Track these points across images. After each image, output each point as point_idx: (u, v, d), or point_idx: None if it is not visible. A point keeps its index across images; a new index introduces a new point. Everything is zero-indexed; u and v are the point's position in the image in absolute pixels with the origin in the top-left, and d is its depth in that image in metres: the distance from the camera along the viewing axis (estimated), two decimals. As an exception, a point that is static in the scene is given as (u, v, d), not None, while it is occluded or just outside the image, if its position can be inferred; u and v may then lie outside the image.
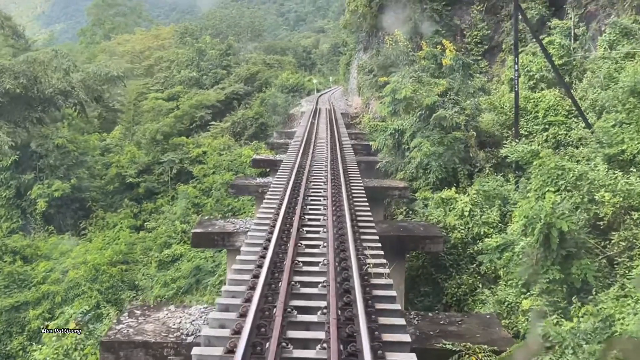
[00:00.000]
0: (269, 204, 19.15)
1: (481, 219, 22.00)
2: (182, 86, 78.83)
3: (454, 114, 26.21)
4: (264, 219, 17.06)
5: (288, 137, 47.15)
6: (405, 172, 29.97)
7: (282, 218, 15.81)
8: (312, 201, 19.11)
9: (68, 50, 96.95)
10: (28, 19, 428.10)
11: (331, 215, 16.28)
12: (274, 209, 17.61)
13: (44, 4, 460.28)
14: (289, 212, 16.88)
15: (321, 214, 17.18)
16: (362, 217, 17.51)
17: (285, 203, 17.54)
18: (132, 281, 39.03)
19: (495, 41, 44.93)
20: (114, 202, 53.32)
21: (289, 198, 18.35)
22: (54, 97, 29.98)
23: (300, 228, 15.54)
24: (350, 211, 17.14)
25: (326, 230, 15.20)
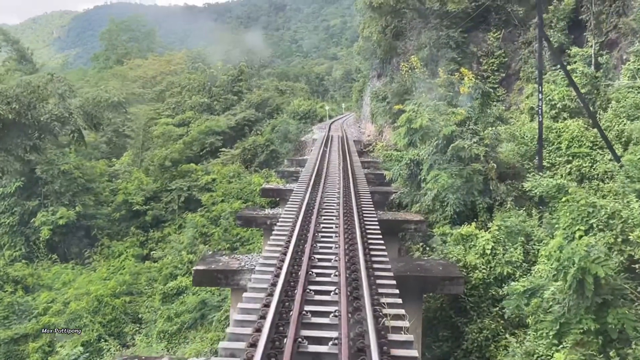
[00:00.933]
0: (277, 240, 17.87)
1: (504, 258, 20.53)
2: (193, 112, 77.96)
3: (473, 144, 24.83)
4: (270, 257, 15.74)
5: (299, 164, 46.03)
6: (421, 205, 28.58)
7: (290, 258, 14.51)
8: (323, 238, 17.80)
9: (81, 75, 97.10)
10: (44, 44, 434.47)
11: (343, 255, 14.93)
12: (282, 247, 16.34)
13: (60, 30, 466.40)
14: (297, 251, 15.57)
15: (332, 253, 15.85)
16: (376, 256, 16.18)
17: (293, 240, 16.25)
18: (135, 313, 37.63)
19: (513, 69, 43.99)
20: (120, 230, 52.09)
21: (298, 234, 17.07)
22: (50, 124, 28.71)
23: (310, 271, 14.17)
24: (364, 250, 15.79)
25: (338, 273, 13.82)
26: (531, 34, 41.22)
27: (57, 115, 28.45)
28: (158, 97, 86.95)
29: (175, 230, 49.52)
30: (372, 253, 16.46)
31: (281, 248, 16.25)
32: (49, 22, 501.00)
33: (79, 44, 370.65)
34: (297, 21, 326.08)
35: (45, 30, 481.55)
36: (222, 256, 20.34)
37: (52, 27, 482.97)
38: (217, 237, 42.76)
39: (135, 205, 51.89)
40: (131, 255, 46.48)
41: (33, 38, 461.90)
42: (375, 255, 16.29)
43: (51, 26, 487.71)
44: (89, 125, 32.74)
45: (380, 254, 16.53)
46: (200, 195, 51.74)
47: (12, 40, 67.96)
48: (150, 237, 50.41)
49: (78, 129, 30.66)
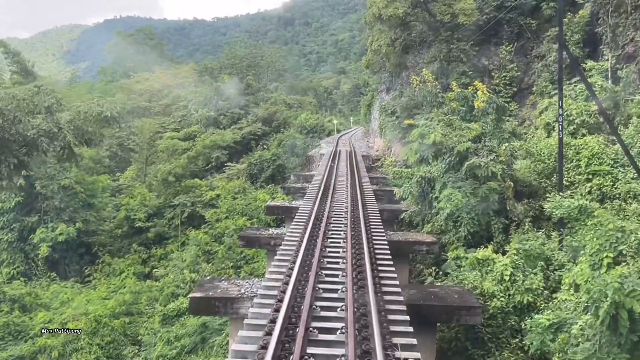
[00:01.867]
0: (279, 265, 16.64)
1: (524, 285, 19.05)
2: (199, 125, 76.88)
3: (489, 162, 23.42)
4: (271, 287, 14.46)
5: (306, 180, 44.86)
6: (433, 225, 27.17)
7: (292, 289, 13.24)
8: (329, 263, 16.58)
9: (88, 89, 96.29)
10: (54, 58, 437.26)
11: (351, 286, 13.58)
12: (284, 274, 15.12)
13: (70, 43, 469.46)
14: (300, 280, 14.34)
15: (339, 282, 14.52)
16: (387, 284, 14.96)
17: (296, 268, 14.99)
18: (135, 335, 36.27)
19: (525, 83, 42.89)
20: (122, 246, 50.76)
21: (301, 260, 15.80)
22: (37, 139, 27.35)
23: (313, 304, 12.80)
24: (374, 279, 14.54)
25: (345, 307, 12.46)
26: (544, 47, 40.22)
27: (45, 131, 27.02)
28: (164, 111, 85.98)
29: (178, 248, 48.14)
30: (383, 282, 15.23)
31: (283, 276, 15.03)
32: (59, 36, 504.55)
33: (89, 58, 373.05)
34: (306, 35, 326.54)
35: (55, 44, 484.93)
36: (221, 281, 19.00)
37: (62, 41, 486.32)
38: (221, 255, 41.37)
39: (138, 222, 50.57)
40: (132, 273, 45.15)
41: (43, 51, 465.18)
42: (385, 284, 15.06)
43: (61, 40, 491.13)
44: (80, 141, 31.34)
45: (391, 282, 15.22)
46: (204, 211, 50.40)
47: (13, 52, 66.96)
48: (152, 254, 49.06)
49: (68, 144, 29.23)
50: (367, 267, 15.06)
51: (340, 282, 14.56)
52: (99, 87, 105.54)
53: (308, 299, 12.75)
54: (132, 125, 74.89)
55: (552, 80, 39.29)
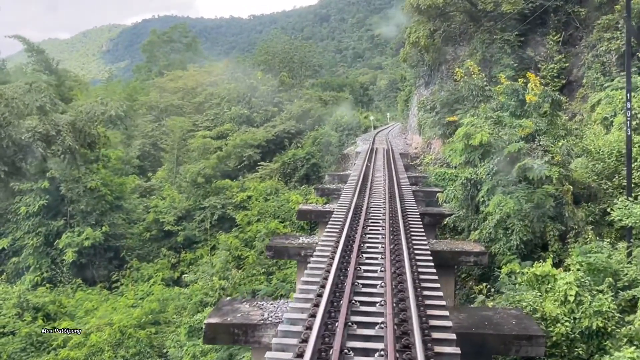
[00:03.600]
0: (308, 285, 14.43)
1: (592, 307, 16.37)
2: (232, 124, 74.90)
3: (544, 164, 20.73)
4: (297, 310, 12.69)
5: (341, 180, 42.66)
6: (481, 232, 24.58)
7: (321, 320, 11.04)
8: (366, 277, 14.61)
9: (124, 87, 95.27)
10: (94, 57, 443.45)
11: (391, 320, 11.18)
12: (315, 294, 13.11)
13: (109, 43, 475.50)
14: (331, 311, 12.03)
15: (377, 313, 12.27)
16: (432, 306, 12.82)
17: (329, 287, 12.86)
18: (162, 346, 34.35)
19: (574, 75, 40.43)
20: (151, 250, 49.02)
21: (333, 281, 13.51)
22: (32, 143, 25.29)
23: (345, 346, 10.47)
24: (418, 307, 12.12)
25: (385, 346, 10.16)
26: (594, 36, 37.74)
27: (41, 133, 24.93)
28: (197, 109, 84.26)
29: (207, 252, 46.22)
30: (427, 302, 12.99)
31: (314, 294, 13.08)
32: (99, 36, 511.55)
33: (127, 57, 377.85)
34: (342, 31, 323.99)
35: (95, 43, 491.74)
36: (242, 303, 16.71)
37: (101, 41, 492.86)
38: (252, 260, 39.30)
39: (167, 225, 48.74)
40: (160, 279, 43.27)
41: (83, 51, 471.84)
42: (430, 305, 12.83)
43: (100, 40, 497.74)
44: (81, 144, 29.32)
45: (438, 305, 12.81)
46: (234, 213, 48.36)
47: (37, 50, 65.68)
48: (182, 258, 47.22)
49: (69, 148, 27.19)
50: (409, 292, 12.72)
51: (378, 313, 12.21)
52: (134, 86, 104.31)
53: (339, 335, 10.51)
54: (164, 124, 73.40)
55: (604, 72, 36.76)
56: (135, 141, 74.00)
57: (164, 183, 58.73)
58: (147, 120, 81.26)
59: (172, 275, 45.07)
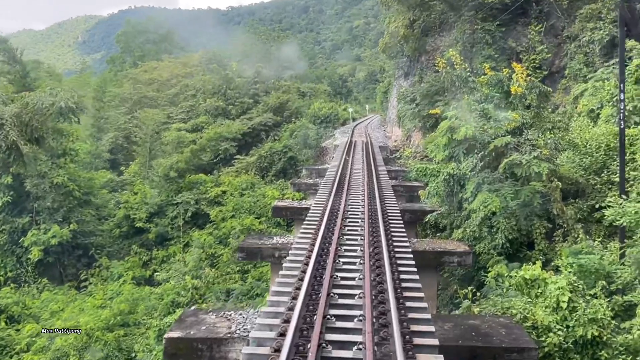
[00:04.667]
0: (280, 294, 13.12)
1: (586, 314, 15.14)
2: (207, 116, 73.13)
3: (532, 160, 19.45)
4: (265, 330, 11.24)
5: (319, 174, 41.35)
6: (465, 230, 23.35)
7: (293, 336, 9.91)
8: (343, 286, 13.35)
9: (96, 79, 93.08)
10: (70, 48, 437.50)
11: (370, 328, 10.22)
12: (286, 307, 11.89)
13: (85, 34, 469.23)
14: (306, 317, 11.07)
15: (354, 315, 11.38)
16: (415, 321, 11.51)
17: (301, 299, 11.54)
18: (131, 349, 32.71)
19: (557, 66, 39.84)
20: (121, 248, 47.19)
21: (308, 286, 12.41)
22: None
23: (322, 344, 9.89)
24: (400, 316, 11.12)
25: (362, 355, 9.59)
26: (577, 26, 37.16)
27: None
28: (171, 101, 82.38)
29: (180, 250, 44.55)
30: (411, 315, 11.71)
31: (282, 314, 11.55)
32: (75, 27, 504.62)
33: (103, 48, 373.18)
34: (320, 23, 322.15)
35: (71, 34, 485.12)
36: (208, 314, 15.21)
37: (77, 32, 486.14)
38: (226, 259, 37.78)
39: (138, 222, 46.92)
40: (131, 277, 41.54)
41: (59, 43, 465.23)
42: (414, 319, 11.54)
43: (76, 31, 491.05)
44: (28, 138, 27.33)
45: (424, 326, 11.47)
46: (208, 209, 46.75)
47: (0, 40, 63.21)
48: (154, 256, 45.46)
49: (13, 143, 25.15)
50: (391, 305, 11.47)
51: (356, 330, 10.90)
52: (104, 77, 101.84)
53: (316, 337, 9.86)
54: (137, 117, 71.42)
55: (587, 62, 36.01)
56: (106, 134, 71.95)
57: (136, 178, 56.84)
58: (120, 112, 79.24)
59: (144, 274, 43.38)
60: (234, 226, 41.18)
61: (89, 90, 79.25)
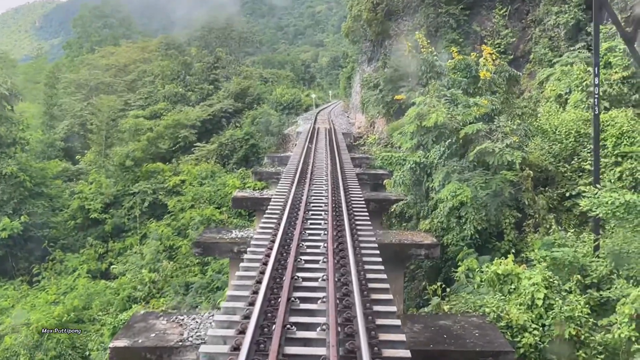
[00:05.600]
0: (236, 298, 11.80)
1: (562, 312, 14.27)
2: (166, 102, 71.12)
3: (505, 148, 18.53)
4: (217, 343, 10.04)
5: (281, 162, 40.18)
6: (432, 221, 22.42)
7: (248, 351, 8.71)
8: (305, 288, 12.14)
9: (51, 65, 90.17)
10: (27, 34, 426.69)
11: (334, 325, 9.30)
12: (241, 314, 10.71)
13: (43, 19, 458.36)
14: (263, 327, 9.94)
15: (317, 323, 10.21)
16: (383, 328, 10.43)
17: (258, 307, 10.28)
18: (85, 347, 31.27)
19: (522, 50, 39.16)
20: (76, 240, 45.35)
21: (267, 285, 11.35)
22: None
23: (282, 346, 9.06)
24: (366, 316, 10.13)
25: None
26: (541, 10, 36.66)
27: None
28: (129, 87, 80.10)
29: (137, 241, 42.97)
30: (379, 321, 10.56)
31: (238, 324, 10.25)
32: (32, 12, 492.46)
33: (62, 33, 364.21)
34: (282, 8, 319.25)
35: (28, 20, 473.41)
36: (159, 319, 13.98)
37: (34, 17, 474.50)
38: (185, 251, 36.43)
39: (93, 213, 45.11)
40: (86, 271, 39.91)
41: (15, 28, 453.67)
42: (383, 327, 10.43)
43: (34, 16, 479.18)
44: None
45: (394, 335, 10.40)
46: (166, 199, 45.21)
47: None
48: (110, 248, 43.79)
49: None
50: (355, 298, 10.59)
51: (319, 341, 9.82)
52: (61, 63, 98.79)
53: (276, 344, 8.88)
54: (94, 103, 69.11)
55: (552, 47, 35.34)
56: (61, 122, 69.49)
57: (92, 167, 54.82)
58: (76, 99, 76.69)
59: (100, 267, 41.81)
60: (193, 217, 39.83)
61: (42, 77, 76.74)
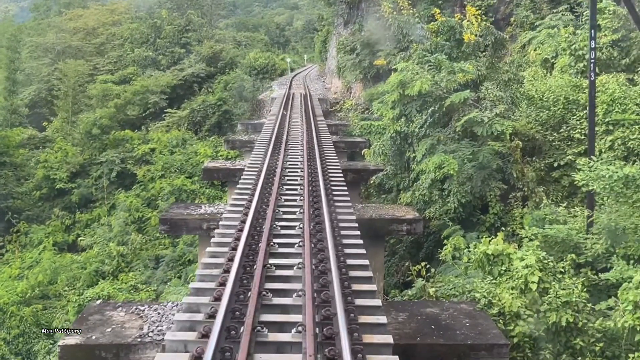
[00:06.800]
0: (203, 284, 10.68)
1: (559, 297, 13.13)
2: (136, 67, 68.79)
3: (495, 117, 17.26)
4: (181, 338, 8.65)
5: (255, 130, 38.83)
6: (414, 194, 21.23)
7: (218, 338, 7.73)
8: (280, 272, 11.07)
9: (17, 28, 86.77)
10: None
11: (311, 313, 8.21)
12: (209, 301, 9.67)
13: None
14: (234, 315, 8.88)
15: (292, 322, 8.94)
16: (366, 310, 9.55)
17: (228, 292, 9.21)
18: (50, 324, 29.90)
19: (502, 13, 38.11)
20: (42, 211, 43.52)
21: (236, 275, 10.00)
22: None
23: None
24: (345, 301, 8.98)
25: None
26: None
27: None
28: (98, 51, 77.37)
29: (106, 213, 41.32)
30: (359, 302, 9.67)
31: (204, 316, 9.22)
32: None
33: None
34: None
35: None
36: (117, 309, 12.56)
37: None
38: (154, 223, 34.97)
39: (59, 183, 43.24)
40: (52, 244, 38.32)
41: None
42: (367, 325, 9.13)
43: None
44: None
45: (378, 336, 9.17)
46: (135, 169, 43.50)
47: None
48: (77, 220, 42.08)
49: None
50: (333, 273, 9.87)
51: (295, 345, 8.59)
52: (31, 26, 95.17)
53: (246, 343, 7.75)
54: (61, 68, 66.52)
55: (534, 9, 34.20)
56: (26, 88, 66.83)
57: (58, 135, 52.69)
58: (43, 63, 73.92)
59: (67, 239, 40.18)
60: (164, 187, 38.35)
61: (3, 40, 73.74)
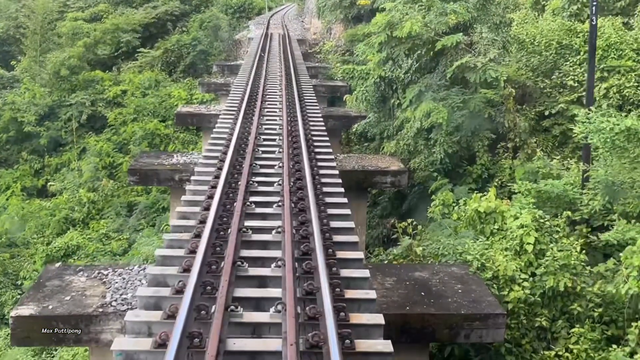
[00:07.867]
0: (171, 251, 9.78)
1: (556, 259, 12.25)
2: (107, 4, 65.96)
3: (488, 63, 16.09)
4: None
5: (231, 71, 37.59)
6: (398, 143, 20.20)
7: (187, 317, 6.80)
8: (256, 236, 10.13)
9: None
10: None
11: (291, 275, 7.56)
12: (178, 272, 8.76)
13: None
14: (205, 289, 7.93)
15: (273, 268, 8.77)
16: (350, 270, 8.97)
17: (199, 262, 8.15)
18: (18, 273, 28.83)
19: None
20: (10, 155, 41.80)
21: (208, 242, 8.97)
22: None
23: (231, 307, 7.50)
24: (327, 260, 8.42)
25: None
26: None
27: None
28: (68, -13, 74.15)
29: (75, 157, 39.76)
30: (345, 273, 8.88)
31: (172, 291, 8.25)
32: None
33: None
34: None
35: None
36: (77, 274, 11.46)
37: None
38: (126, 168, 33.68)
39: (27, 126, 41.43)
40: (20, 189, 36.90)
41: None
42: (349, 281, 8.74)
43: None
44: None
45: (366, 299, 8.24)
46: (107, 111, 41.75)
47: None
48: (47, 163, 40.49)
49: None
50: (315, 232, 9.20)
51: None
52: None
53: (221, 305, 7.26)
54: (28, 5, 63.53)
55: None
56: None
57: (26, 75, 50.44)
58: (11, -1, 70.60)
59: (36, 184, 38.69)
60: (136, 131, 36.88)
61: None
